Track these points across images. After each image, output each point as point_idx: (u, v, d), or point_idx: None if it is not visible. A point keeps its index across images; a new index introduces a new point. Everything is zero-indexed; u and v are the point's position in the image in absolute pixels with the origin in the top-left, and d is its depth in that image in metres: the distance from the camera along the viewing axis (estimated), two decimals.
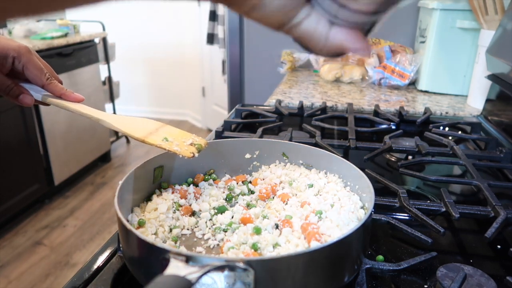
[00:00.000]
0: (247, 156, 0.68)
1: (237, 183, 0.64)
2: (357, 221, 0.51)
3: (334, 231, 0.48)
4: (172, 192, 0.59)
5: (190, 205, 0.58)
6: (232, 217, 0.56)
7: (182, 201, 0.59)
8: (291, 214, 0.53)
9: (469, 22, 1.26)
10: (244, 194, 0.62)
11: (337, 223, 0.50)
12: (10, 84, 0.59)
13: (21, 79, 0.61)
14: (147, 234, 0.50)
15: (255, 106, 1.18)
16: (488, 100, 1.13)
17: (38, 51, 2.33)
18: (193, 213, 0.57)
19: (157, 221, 0.53)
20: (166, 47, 4.03)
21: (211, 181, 0.64)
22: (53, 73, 0.63)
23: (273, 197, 0.60)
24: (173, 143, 0.56)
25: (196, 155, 0.56)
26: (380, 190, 0.58)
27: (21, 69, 0.59)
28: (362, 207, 0.55)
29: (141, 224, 0.52)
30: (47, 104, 0.62)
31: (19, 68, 0.59)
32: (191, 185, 0.63)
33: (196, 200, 0.60)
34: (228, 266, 0.37)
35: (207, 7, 3.02)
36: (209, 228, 0.55)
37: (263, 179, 0.65)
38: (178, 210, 0.57)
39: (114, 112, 3.33)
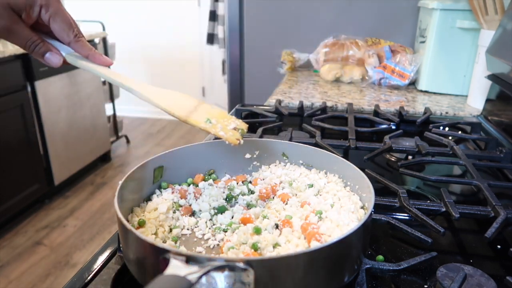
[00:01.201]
0: (247, 156, 0.68)
1: (237, 183, 0.64)
2: (357, 221, 0.51)
3: (334, 231, 0.48)
4: (172, 192, 0.59)
5: (190, 205, 0.58)
6: (232, 217, 0.56)
7: (182, 201, 0.59)
8: (291, 214, 0.53)
9: (469, 22, 1.26)
10: (244, 194, 0.62)
11: (337, 223, 0.50)
12: (36, 39, 0.52)
13: (43, 32, 0.54)
14: (147, 234, 0.50)
15: (255, 106, 1.18)
16: (488, 100, 1.13)
17: None
18: (193, 213, 0.57)
19: (157, 221, 0.53)
20: (166, 47, 4.04)
21: (211, 181, 0.64)
22: (79, 29, 0.55)
23: (273, 197, 0.60)
24: (217, 125, 0.53)
25: (242, 142, 0.55)
26: (380, 190, 0.58)
27: (48, 21, 0.52)
28: (362, 207, 0.55)
29: (141, 224, 0.52)
30: (68, 64, 0.55)
31: (45, 18, 0.52)
32: (191, 185, 0.63)
33: (196, 200, 0.60)
34: (228, 266, 0.37)
35: (207, 7, 3.02)
36: (209, 228, 0.55)
37: (263, 179, 0.65)
38: (178, 210, 0.57)
39: (114, 112, 3.34)
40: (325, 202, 0.56)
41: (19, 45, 0.52)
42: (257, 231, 0.49)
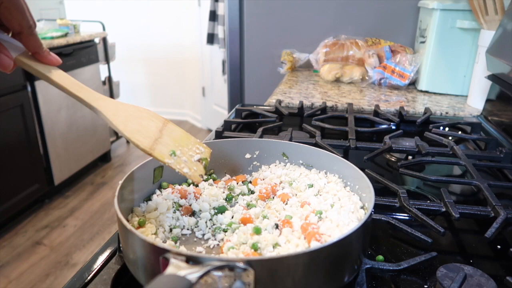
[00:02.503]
0: (247, 156, 0.68)
1: (237, 183, 0.64)
2: (357, 221, 0.51)
3: (334, 231, 0.48)
4: (172, 192, 0.59)
5: (190, 205, 0.58)
6: (232, 217, 0.56)
7: (182, 201, 0.59)
8: (291, 214, 0.53)
9: (469, 22, 1.26)
10: (244, 194, 0.62)
11: (337, 223, 0.50)
12: None
13: None
14: (147, 234, 0.50)
15: (255, 106, 1.18)
16: (488, 100, 1.13)
17: None
18: (193, 213, 0.57)
19: (157, 221, 0.53)
20: (166, 47, 4.04)
21: (211, 181, 0.64)
22: (34, 20, 0.47)
23: (273, 197, 0.60)
24: (181, 159, 0.50)
25: (204, 177, 0.52)
26: (380, 190, 0.58)
27: None
28: (362, 207, 0.55)
29: (141, 224, 0.52)
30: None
31: None
32: (191, 185, 0.63)
33: (196, 200, 0.60)
34: (228, 266, 0.37)
35: (207, 7, 3.02)
36: (209, 228, 0.55)
37: (263, 179, 0.65)
38: (178, 210, 0.57)
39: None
40: (325, 202, 0.56)
41: None
42: (257, 231, 0.49)
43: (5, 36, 0.46)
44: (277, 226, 0.52)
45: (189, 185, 0.63)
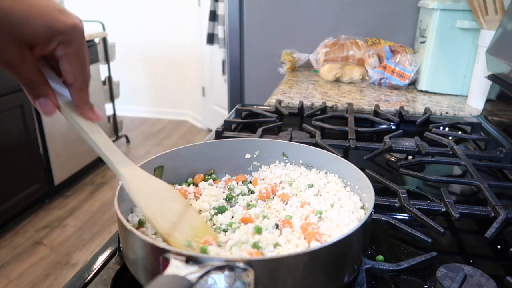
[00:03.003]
0: (247, 156, 0.68)
1: (237, 183, 0.64)
2: (357, 221, 0.51)
3: (334, 231, 0.48)
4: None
5: (190, 205, 0.58)
6: (232, 217, 0.56)
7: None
8: (291, 214, 0.53)
9: (469, 22, 1.26)
10: (244, 194, 0.62)
11: (337, 223, 0.50)
12: (38, 80, 0.43)
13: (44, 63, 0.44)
14: (147, 234, 0.50)
15: (255, 106, 1.18)
16: (488, 100, 1.13)
17: None
18: None
19: None
20: (166, 47, 4.04)
21: (211, 181, 0.64)
22: (89, 74, 0.47)
23: (273, 197, 0.60)
24: (195, 251, 0.45)
25: None
26: (380, 190, 0.58)
27: (60, 57, 0.43)
28: (362, 207, 0.55)
29: (141, 224, 0.52)
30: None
31: (58, 54, 0.42)
32: (191, 185, 0.63)
33: (196, 200, 0.60)
34: (228, 266, 0.37)
35: (207, 7, 3.02)
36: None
37: (263, 179, 0.65)
38: None
39: (114, 112, 3.33)
40: (325, 202, 0.56)
41: (15, 78, 0.43)
42: (258, 230, 0.49)
43: (56, 80, 0.46)
44: (277, 226, 0.52)
45: (189, 185, 0.63)
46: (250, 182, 0.65)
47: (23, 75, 0.42)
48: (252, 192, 0.63)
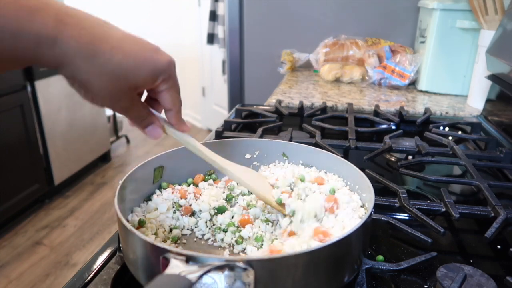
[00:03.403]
0: (247, 156, 0.68)
1: (237, 183, 0.64)
2: (358, 219, 0.51)
3: (335, 230, 0.49)
4: (172, 192, 0.59)
5: (190, 205, 0.58)
6: (232, 217, 0.56)
7: (182, 201, 0.59)
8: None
9: (469, 22, 1.26)
10: (244, 194, 0.62)
11: (339, 221, 0.50)
12: (145, 114, 0.49)
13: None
14: (147, 234, 0.50)
15: (255, 106, 1.18)
16: (488, 100, 1.13)
17: None
18: (193, 213, 0.57)
19: (157, 221, 0.53)
20: (166, 47, 3.95)
21: (211, 181, 0.64)
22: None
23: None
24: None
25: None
26: (380, 190, 0.58)
27: (161, 92, 0.48)
28: (362, 206, 0.55)
29: (141, 224, 0.52)
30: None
31: (159, 90, 0.48)
32: (191, 185, 0.63)
33: (196, 200, 0.60)
34: (228, 266, 0.37)
35: (207, 7, 3.02)
36: (209, 228, 0.55)
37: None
38: (178, 210, 0.57)
39: (114, 112, 3.33)
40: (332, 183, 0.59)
41: (127, 117, 0.48)
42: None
43: (156, 112, 0.52)
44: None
45: (189, 185, 0.63)
46: None
47: (134, 114, 0.48)
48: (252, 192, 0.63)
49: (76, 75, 0.41)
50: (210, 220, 0.56)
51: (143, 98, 0.51)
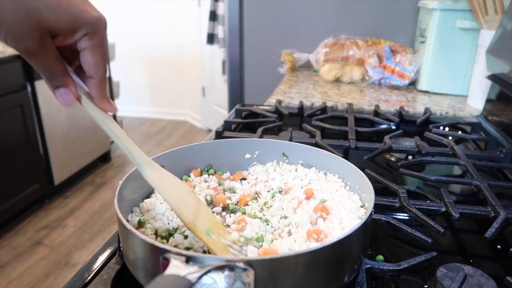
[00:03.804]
0: (247, 156, 0.68)
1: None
2: (357, 219, 0.51)
3: (334, 230, 0.48)
4: None
5: None
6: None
7: None
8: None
9: (469, 22, 1.26)
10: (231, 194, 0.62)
11: (339, 221, 0.50)
12: (59, 69, 0.42)
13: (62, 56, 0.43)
14: (147, 234, 0.50)
15: (255, 106, 1.18)
16: (488, 100, 1.13)
17: None
18: None
19: (156, 220, 0.53)
20: (166, 47, 4.04)
21: (206, 176, 0.65)
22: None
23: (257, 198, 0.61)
24: (213, 239, 0.46)
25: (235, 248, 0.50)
26: (380, 190, 0.58)
27: (83, 49, 0.42)
28: (362, 206, 0.55)
29: (141, 224, 0.52)
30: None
31: (82, 46, 0.42)
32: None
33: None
34: (228, 266, 0.37)
35: (207, 7, 3.02)
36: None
37: (256, 178, 0.65)
38: None
39: (114, 113, 3.33)
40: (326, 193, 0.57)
41: (35, 67, 0.42)
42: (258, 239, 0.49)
43: (74, 76, 0.46)
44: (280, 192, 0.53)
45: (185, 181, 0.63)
46: (244, 179, 0.66)
47: (44, 63, 0.41)
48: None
49: None
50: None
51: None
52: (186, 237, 0.50)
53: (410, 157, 0.91)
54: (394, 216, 0.61)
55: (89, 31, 0.41)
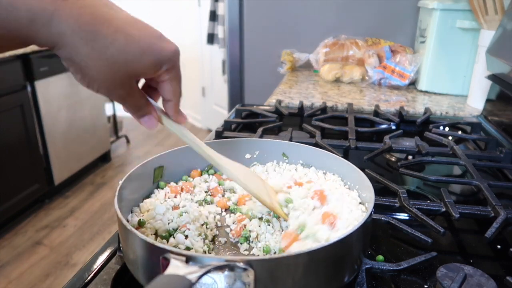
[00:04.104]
0: (247, 156, 0.68)
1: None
2: (359, 211, 0.52)
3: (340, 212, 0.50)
4: (175, 197, 0.59)
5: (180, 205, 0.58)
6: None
7: (177, 200, 0.59)
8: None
9: (469, 22, 1.26)
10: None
11: (340, 209, 0.51)
12: (143, 103, 0.46)
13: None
14: (147, 234, 0.50)
15: (255, 106, 1.18)
16: (488, 100, 1.13)
17: (38, 51, 2.34)
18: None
19: (155, 220, 0.53)
20: None
21: (206, 176, 0.65)
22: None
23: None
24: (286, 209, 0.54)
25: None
26: (380, 190, 0.58)
27: (163, 82, 0.46)
28: (361, 203, 0.55)
29: (141, 224, 0.52)
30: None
31: (161, 79, 0.45)
32: (181, 181, 0.64)
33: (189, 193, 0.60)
34: (228, 266, 0.37)
35: (207, 7, 3.02)
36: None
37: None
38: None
39: (114, 112, 3.33)
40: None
41: (124, 107, 0.45)
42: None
43: (151, 100, 0.49)
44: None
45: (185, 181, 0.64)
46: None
47: (132, 103, 0.45)
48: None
49: (73, 57, 0.38)
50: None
51: (140, 85, 0.48)
52: (186, 237, 0.50)
53: (410, 157, 0.91)
54: (394, 216, 0.61)
55: (169, 66, 0.44)
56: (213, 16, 2.89)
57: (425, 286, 0.49)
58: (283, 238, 0.49)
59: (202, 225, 0.54)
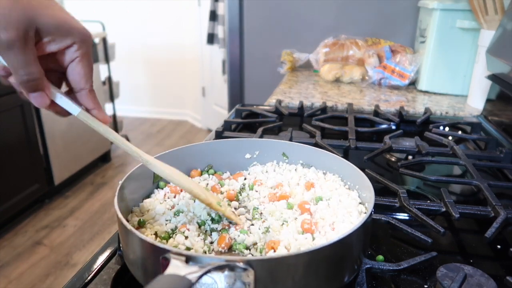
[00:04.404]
0: (247, 156, 0.68)
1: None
2: (357, 213, 0.52)
3: (333, 218, 0.51)
4: (174, 197, 0.59)
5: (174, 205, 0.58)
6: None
7: (176, 200, 0.59)
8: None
9: (469, 22, 1.26)
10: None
11: (337, 213, 0.52)
12: (38, 71, 0.40)
13: (47, 68, 0.42)
14: (147, 234, 0.50)
15: (255, 106, 1.18)
16: (488, 100, 1.13)
17: None
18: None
19: (155, 220, 0.53)
20: (166, 47, 4.04)
21: (206, 176, 0.65)
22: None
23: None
24: (226, 208, 0.54)
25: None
26: (380, 190, 0.58)
27: (70, 60, 0.42)
28: (361, 203, 0.55)
29: (141, 224, 0.52)
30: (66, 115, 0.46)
31: (69, 57, 0.42)
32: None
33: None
34: (228, 266, 0.37)
35: (207, 7, 3.02)
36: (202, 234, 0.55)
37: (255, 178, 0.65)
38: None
39: (114, 112, 3.33)
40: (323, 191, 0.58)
41: (10, 63, 0.39)
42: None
43: (63, 94, 0.45)
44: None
45: None
46: (245, 178, 0.66)
47: (21, 59, 0.38)
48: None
49: None
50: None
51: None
52: (186, 237, 0.50)
53: (410, 157, 0.91)
54: (394, 216, 0.61)
55: (78, 40, 0.41)
56: (213, 16, 2.89)
57: (425, 286, 0.49)
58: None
59: (200, 226, 0.54)
